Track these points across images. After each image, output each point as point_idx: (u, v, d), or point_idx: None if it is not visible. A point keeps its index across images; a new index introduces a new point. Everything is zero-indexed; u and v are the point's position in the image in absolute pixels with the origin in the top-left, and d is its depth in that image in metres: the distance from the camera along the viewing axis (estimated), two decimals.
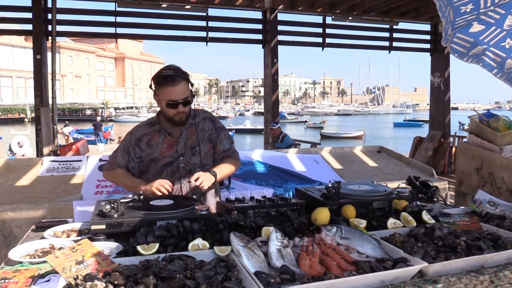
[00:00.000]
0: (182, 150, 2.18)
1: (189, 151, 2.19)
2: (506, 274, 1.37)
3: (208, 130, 2.25)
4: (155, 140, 2.18)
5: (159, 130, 2.19)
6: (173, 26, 7.74)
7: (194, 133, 2.21)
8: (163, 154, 2.16)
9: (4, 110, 47.15)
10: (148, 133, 2.20)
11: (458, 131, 13.81)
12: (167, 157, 2.17)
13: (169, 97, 2.06)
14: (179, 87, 2.05)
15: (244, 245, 1.38)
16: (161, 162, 2.17)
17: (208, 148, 2.24)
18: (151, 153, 2.17)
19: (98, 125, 22.30)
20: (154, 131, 2.20)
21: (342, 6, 7.83)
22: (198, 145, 2.20)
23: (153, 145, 2.17)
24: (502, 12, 1.95)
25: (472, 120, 3.95)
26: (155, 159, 2.17)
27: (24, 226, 2.74)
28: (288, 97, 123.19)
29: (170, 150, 2.17)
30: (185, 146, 2.19)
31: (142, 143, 2.18)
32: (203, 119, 2.27)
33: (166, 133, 2.19)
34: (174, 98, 2.06)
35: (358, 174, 4.10)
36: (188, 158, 2.18)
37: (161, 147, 2.17)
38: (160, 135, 2.19)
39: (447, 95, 9.34)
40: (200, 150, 2.20)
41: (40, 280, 1.25)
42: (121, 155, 2.21)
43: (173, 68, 2.10)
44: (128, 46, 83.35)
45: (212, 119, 2.31)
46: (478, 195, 2.21)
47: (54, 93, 6.73)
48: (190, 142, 2.20)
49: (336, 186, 2.00)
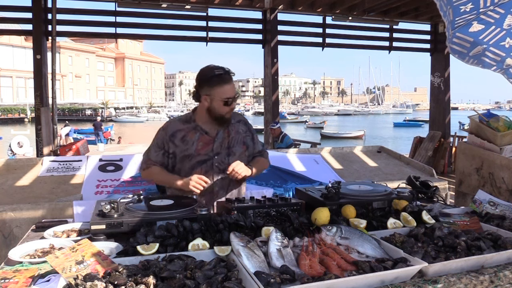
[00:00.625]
0: (217, 149, 2.22)
1: (224, 151, 2.24)
2: (506, 274, 1.37)
3: (242, 133, 2.32)
4: (190, 137, 2.21)
5: (194, 127, 2.22)
6: (173, 26, 7.74)
7: (230, 134, 2.27)
8: (198, 151, 2.20)
9: (4, 110, 47.14)
10: (182, 129, 2.23)
11: (458, 131, 13.81)
12: (202, 155, 2.20)
13: (227, 95, 2.13)
14: (232, 85, 2.17)
15: (244, 245, 1.38)
16: (195, 159, 2.20)
17: (242, 150, 2.30)
18: (185, 149, 2.20)
19: (98, 125, 22.32)
20: (188, 128, 2.23)
21: (342, 6, 7.83)
22: (233, 146, 2.26)
23: (188, 142, 2.20)
24: (502, 11, 1.95)
25: (472, 120, 3.95)
26: (189, 155, 2.20)
27: (24, 226, 2.74)
28: (288, 97, 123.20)
29: (205, 148, 2.21)
30: (220, 145, 2.23)
31: (176, 138, 2.21)
32: (237, 121, 2.33)
33: (202, 131, 2.22)
34: (231, 95, 2.14)
35: (358, 174, 4.09)
36: (222, 158, 2.22)
37: (197, 145, 2.20)
38: (196, 133, 2.21)
39: (447, 95, 9.34)
40: (234, 151, 2.26)
41: (40, 280, 1.25)
42: (155, 151, 2.23)
43: (221, 67, 2.17)
44: (128, 46, 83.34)
45: (245, 122, 2.39)
46: (478, 195, 2.21)
47: (54, 93, 6.73)
48: (225, 142, 2.25)
49: (336, 186, 2.00)
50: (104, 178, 3.52)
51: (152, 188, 3.39)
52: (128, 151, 12.97)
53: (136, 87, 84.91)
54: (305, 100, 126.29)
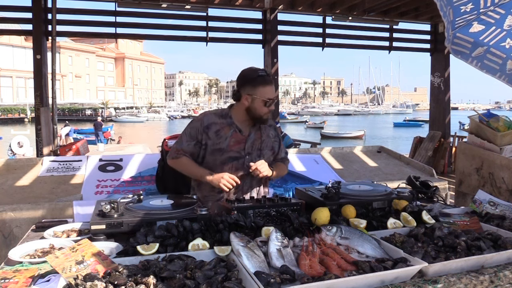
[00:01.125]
0: (249, 149, 2.26)
1: (255, 152, 2.28)
2: (506, 274, 1.37)
3: (272, 137, 2.38)
4: (224, 131, 2.24)
5: (229, 124, 2.25)
6: (173, 26, 7.73)
7: (260, 137, 2.31)
8: (230, 147, 2.23)
9: (4, 110, 47.12)
10: (217, 123, 2.25)
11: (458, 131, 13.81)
12: (234, 151, 2.24)
13: (268, 96, 2.17)
14: (273, 87, 2.22)
15: (244, 245, 1.38)
16: (227, 154, 2.23)
17: (270, 154, 2.36)
18: (218, 143, 2.22)
19: (98, 125, 22.32)
20: (224, 123, 2.26)
21: (342, 6, 7.82)
22: (263, 149, 2.31)
23: (222, 136, 2.23)
24: (502, 12, 1.95)
25: (472, 120, 3.95)
26: (221, 150, 2.22)
27: (24, 226, 2.74)
28: (288, 97, 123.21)
29: (237, 145, 2.24)
30: (252, 146, 2.27)
31: (210, 131, 2.23)
32: (269, 125, 2.38)
33: (236, 129, 2.25)
34: (271, 97, 2.19)
35: (358, 174, 4.09)
36: (253, 158, 2.25)
37: (230, 141, 2.23)
38: (230, 129, 2.25)
39: (447, 95, 9.33)
40: (264, 154, 2.31)
41: (40, 280, 1.25)
42: (187, 141, 2.25)
43: (262, 69, 2.22)
44: (128, 46, 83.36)
45: (275, 127, 2.45)
46: (478, 195, 2.21)
47: (54, 93, 6.72)
48: (257, 144, 2.29)
49: (336, 186, 2.00)
50: (104, 178, 3.52)
51: (152, 188, 3.39)
52: (128, 151, 12.97)
53: (136, 87, 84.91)
54: (305, 100, 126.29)
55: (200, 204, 1.95)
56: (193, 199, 2.00)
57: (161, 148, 3.39)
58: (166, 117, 60.04)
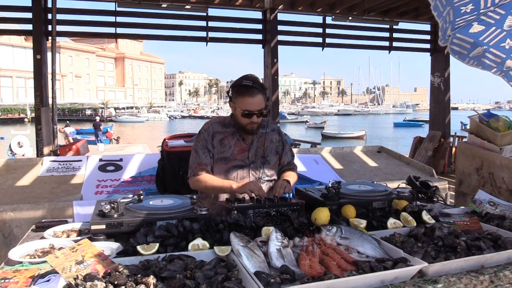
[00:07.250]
0: (252, 157, 2.26)
1: (259, 160, 2.27)
2: (506, 274, 1.37)
3: (276, 142, 2.36)
4: (228, 140, 2.24)
5: (233, 132, 2.25)
6: (173, 26, 7.72)
7: (264, 143, 2.29)
8: (234, 156, 2.23)
9: (4, 110, 47.14)
10: (221, 132, 2.26)
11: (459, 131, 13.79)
12: (238, 160, 2.23)
13: (246, 107, 2.12)
14: (256, 99, 2.12)
15: (244, 245, 1.38)
16: (231, 163, 2.23)
17: (276, 159, 2.35)
18: (222, 151, 2.23)
19: (97, 125, 22.33)
20: (227, 132, 2.26)
21: (342, 6, 7.82)
22: (267, 156, 2.29)
23: (226, 145, 2.24)
24: (502, 12, 1.95)
25: (472, 120, 3.95)
26: (225, 158, 2.22)
27: (24, 226, 2.74)
28: (288, 97, 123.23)
29: (241, 154, 2.24)
30: (255, 154, 2.27)
31: (215, 140, 2.24)
32: (272, 130, 2.36)
33: (240, 138, 2.25)
34: (250, 109, 2.12)
35: (358, 174, 4.09)
36: (258, 166, 2.26)
37: (233, 149, 2.23)
38: (234, 138, 2.25)
39: (447, 95, 9.34)
40: (269, 160, 2.30)
41: (40, 280, 1.25)
42: (203, 153, 2.24)
43: (253, 79, 2.14)
44: (128, 46, 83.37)
45: (279, 131, 2.42)
46: (478, 195, 2.21)
47: (54, 93, 6.72)
48: (260, 151, 2.28)
49: (336, 186, 2.00)
50: (104, 178, 3.52)
51: (152, 188, 3.39)
52: (128, 151, 12.97)
53: (136, 87, 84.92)
54: (305, 100, 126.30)
55: (200, 204, 1.95)
56: (193, 199, 2.00)
57: (161, 148, 3.39)
58: (166, 117, 60.04)
